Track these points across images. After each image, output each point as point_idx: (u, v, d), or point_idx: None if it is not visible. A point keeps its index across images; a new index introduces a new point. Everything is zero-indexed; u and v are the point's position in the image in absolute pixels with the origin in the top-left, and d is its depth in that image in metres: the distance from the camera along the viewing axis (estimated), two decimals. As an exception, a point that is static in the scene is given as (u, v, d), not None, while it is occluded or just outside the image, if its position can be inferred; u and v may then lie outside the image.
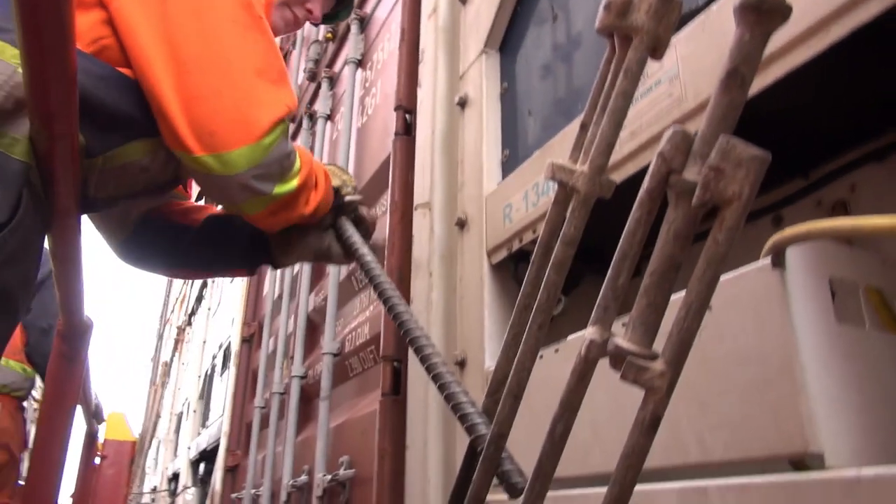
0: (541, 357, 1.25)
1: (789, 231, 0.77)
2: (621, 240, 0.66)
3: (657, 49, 0.62)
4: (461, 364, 1.53)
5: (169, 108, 1.01)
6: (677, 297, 0.71)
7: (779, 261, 0.78)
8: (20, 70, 0.87)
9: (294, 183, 1.15)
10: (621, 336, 0.64)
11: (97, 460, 4.49)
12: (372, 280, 1.21)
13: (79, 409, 2.45)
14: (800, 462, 0.75)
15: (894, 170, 0.98)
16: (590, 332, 0.67)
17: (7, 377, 3.30)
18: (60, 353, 1.83)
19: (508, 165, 1.55)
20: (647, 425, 0.61)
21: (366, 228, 1.38)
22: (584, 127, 0.83)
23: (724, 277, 0.86)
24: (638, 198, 0.65)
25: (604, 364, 0.66)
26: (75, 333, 1.78)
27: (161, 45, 1.01)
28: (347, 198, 1.34)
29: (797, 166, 1.15)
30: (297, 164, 1.17)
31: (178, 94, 1.01)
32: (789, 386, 0.74)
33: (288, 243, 1.34)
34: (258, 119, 1.06)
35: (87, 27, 1.01)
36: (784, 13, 0.56)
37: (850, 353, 0.76)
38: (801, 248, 0.77)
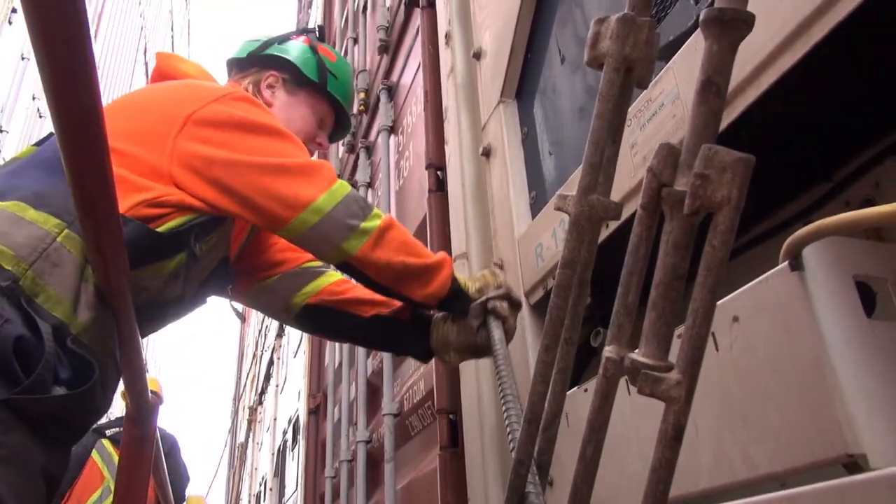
0: (585, 391, 1.24)
1: (800, 232, 0.77)
2: (626, 257, 0.68)
3: (632, 69, 0.65)
4: (512, 408, 1.53)
5: (262, 204, 1.25)
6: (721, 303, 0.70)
7: (797, 263, 0.78)
8: (59, 239, 1.06)
9: (377, 222, 1.29)
10: (639, 352, 0.65)
11: (180, 544, 4.54)
12: (500, 378, 1.25)
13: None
14: (852, 465, 0.73)
15: (914, 161, 0.96)
16: (607, 351, 0.68)
17: None
18: (131, 437, 1.90)
19: (536, 207, 1.58)
20: (671, 437, 0.61)
21: (508, 328, 1.43)
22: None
23: (746, 286, 0.86)
24: (636, 215, 0.67)
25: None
26: (142, 414, 1.85)
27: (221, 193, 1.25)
28: (487, 297, 1.40)
29: (821, 169, 1.14)
30: (378, 210, 1.34)
31: (258, 196, 1.25)
32: (823, 389, 0.73)
33: (447, 347, 1.45)
34: (322, 173, 1.29)
35: None
36: (747, 21, 0.58)
37: (884, 348, 0.74)
38: (816, 247, 0.77)
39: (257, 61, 1.60)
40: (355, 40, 3.98)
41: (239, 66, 1.62)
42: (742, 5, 0.57)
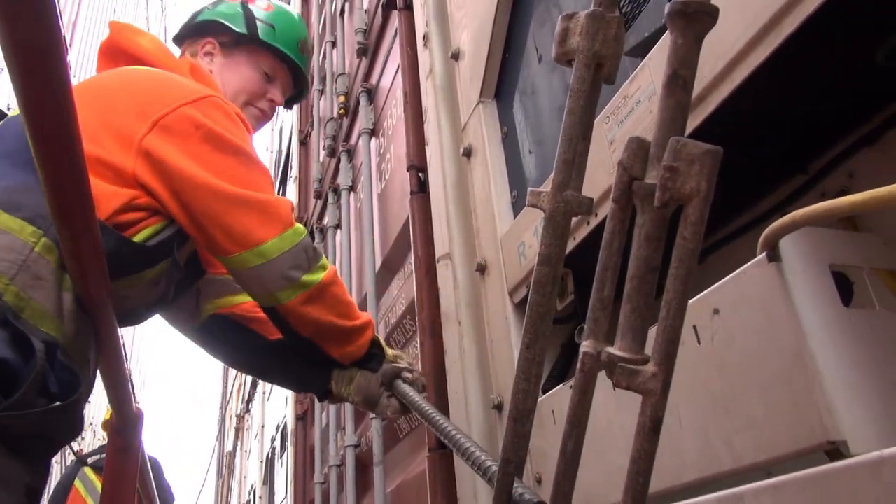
0: (570, 387, 1.24)
1: (777, 223, 0.77)
2: (600, 252, 0.68)
3: (601, 65, 0.65)
4: (498, 407, 1.53)
5: (209, 230, 1.23)
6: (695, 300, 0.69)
7: (774, 254, 0.78)
8: (37, 249, 1.03)
9: (320, 275, 1.28)
10: (616, 346, 0.65)
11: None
12: (432, 423, 1.27)
13: None
14: (834, 452, 0.73)
15: (886, 151, 0.97)
16: (584, 346, 0.68)
17: None
18: (115, 447, 1.88)
19: (518, 205, 1.58)
20: (649, 429, 0.61)
21: (419, 386, 1.45)
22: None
23: (725, 279, 0.86)
24: (609, 209, 0.67)
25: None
26: (127, 425, 1.83)
27: (184, 211, 1.24)
28: (402, 365, 1.44)
29: (797, 162, 1.15)
30: (325, 261, 1.32)
31: (210, 221, 1.23)
32: (803, 378, 0.73)
33: (349, 381, 1.44)
34: (278, 215, 1.25)
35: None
36: (711, 14, 0.58)
37: (862, 336, 0.74)
38: (793, 238, 0.77)
39: (193, 32, 1.59)
40: (333, 44, 3.97)
41: (179, 41, 1.61)
42: (706, -2, 0.57)
